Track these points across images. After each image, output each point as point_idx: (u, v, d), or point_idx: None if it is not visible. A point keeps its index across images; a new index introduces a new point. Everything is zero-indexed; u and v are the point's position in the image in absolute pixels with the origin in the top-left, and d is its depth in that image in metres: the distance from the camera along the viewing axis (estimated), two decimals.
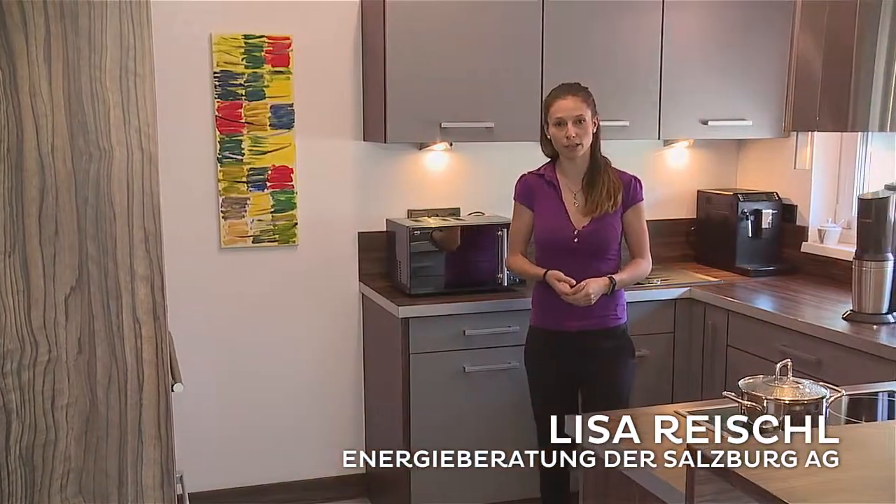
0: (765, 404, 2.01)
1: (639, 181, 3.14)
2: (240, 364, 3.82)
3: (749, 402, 2.04)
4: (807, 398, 2.01)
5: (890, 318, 3.17)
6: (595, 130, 3.06)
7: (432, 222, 3.73)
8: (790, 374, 2.08)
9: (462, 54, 3.61)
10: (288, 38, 3.70)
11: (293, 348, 3.90)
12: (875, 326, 3.12)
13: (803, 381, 2.08)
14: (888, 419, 2.30)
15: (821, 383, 2.11)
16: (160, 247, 2.25)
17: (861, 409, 2.32)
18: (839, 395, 2.12)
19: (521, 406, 3.41)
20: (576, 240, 3.05)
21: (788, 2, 2.40)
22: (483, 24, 3.62)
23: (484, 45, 3.63)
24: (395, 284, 3.76)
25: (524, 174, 3.20)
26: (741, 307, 3.54)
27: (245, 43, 3.65)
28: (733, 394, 2.09)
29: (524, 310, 3.33)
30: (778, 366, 2.09)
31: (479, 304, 3.51)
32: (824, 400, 2.02)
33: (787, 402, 2.00)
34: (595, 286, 2.99)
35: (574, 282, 3.00)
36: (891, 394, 2.38)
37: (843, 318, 3.22)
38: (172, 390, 2.32)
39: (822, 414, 2.01)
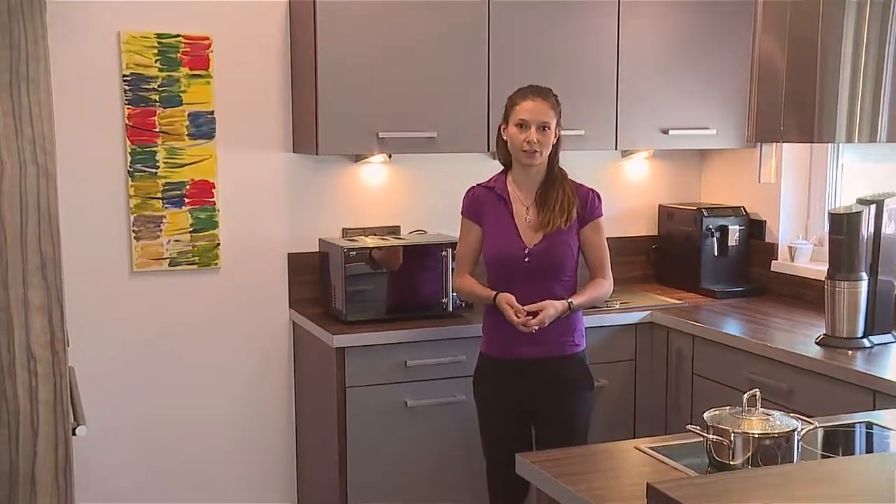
0: (732, 438, 2.01)
1: (597, 195, 3.16)
2: (153, 403, 3.76)
3: (715, 437, 2.04)
4: (777, 431, 2.01)
5: (865, 342, 3.20)
6: (556, 142, 3.08)
7: (369, 242, 3.72)
8: (759, 404, 2.09)
9: (401, 58, 3.61)
10: (207, 38, 3.68)
11: (215, 384, 3.85)
12: (850, 352, 3.14)
13: (773, 412, 2.08)
14: (866, 452, 2.31)
15: (792, 414, 2.11)
16: (60, 273, 2.18)
17: (837, 442, 2.33)
18: (812, 427, 2.13)
19: (469, 444, 3.41)
20: (527, 259, 3.05)
21: (751, 1, 2.42)
22: (425, 25, 3.62)
23: (425, 48, 3.63)
24: (329, 311, 3.73)
25: (472, 187, 3.20)
26: (707, 332, 3.55)
27: (158, 42, 3.62)
28: (698, 427, 2.09)
29: (472, 337, 3.33)
30: (746, 396, 2.09)
31: (423, 332, 3.51)
32: (796, 433, 2.03)
33: (755, 435, 2.00)
34: (553, 310, 2.99)
35: (525, 312, 2.99)
36: (868, 425, 2.39)
37: (815, 343, 3.24)
38: (74, 434, 2.25)
39: (794, 448, 2.01)
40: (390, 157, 3.94)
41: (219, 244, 3.78)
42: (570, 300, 3.05)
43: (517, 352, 3.07)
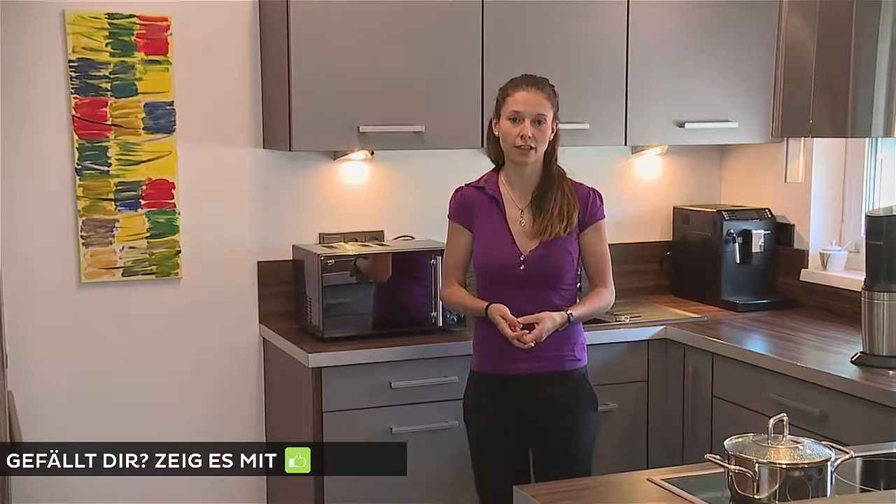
0: (756, 469, 2.00)
1: (598, 195, 3.16)
2: (105, 431, 3.69)
3: (737, 467, 2.03)
4: (807, 461, 2.00)
5: None
6: (553, 137, 3.08)
7: (350, 249, 3.71)
8: (787, 430, 2.08)
9: (385, 44, 3.61)
10: (165, 20, 3.67)
11: (175, 410, 3.83)
12: (891, 372, 3.12)
13: (803, 440, 2.08)
14: None
15: (825, 442, 2.11)
16: None
17: (877, 474, 2.31)
18: (848, 456, 2.12)
19: (462, 475, 3.37)
20: (522, 267, 3.05)
21: None
22: (411, 7, 3.63)
23: (412, 32, 3.64)
24: (304, 326, 3.73)
25: (461, 187, 3.20)
26: (728, 349, 3.55)
27: (109, 24, 3.61)
28: (718, 457, 2.08)
29: (465, 356, 3.31)
30: (772, 421, 2.08)
31: (409, 350, 3.50)
32: (829, 463, 2.02)
33: (783, 466, 2.00)
34: (551, 323, 2.99)
35: (521, 324, 2.99)
36: None
37: (851, 362, 3.23)
38: (11, 464, 2.20)
39: (827, 481, 2.00)
40: (373, 153, 3.93)
41: (179, 251, 3.77)
42: (569, 311, 3.05)
43: (512, 367, 3.07)
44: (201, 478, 3.47)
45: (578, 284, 3.18)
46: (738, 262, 4.14)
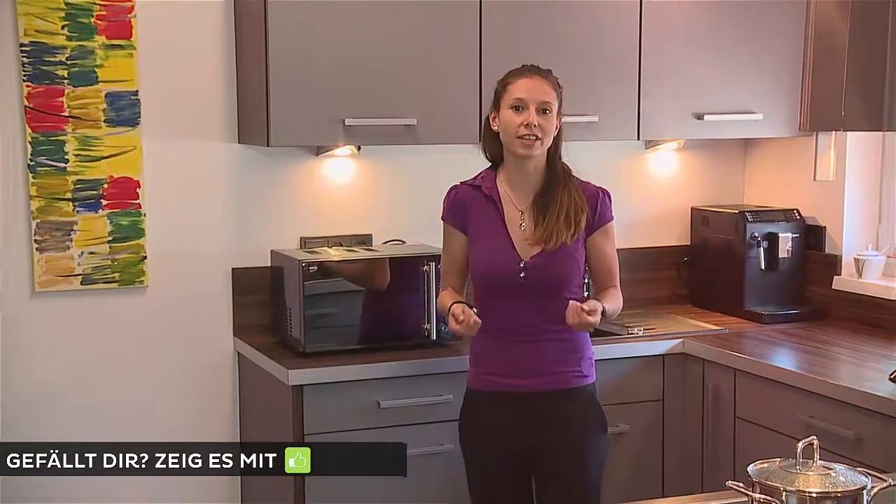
0: (784, 498, 1.99)
1: (607, 194, 3.15)
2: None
3: (762, 496, 2.01)
4: (840, 489, 1.99)
5: None
6: (557, 133, 3.08)
7: (334, 254, 3.71)
8: (817, 455, 2.07)
9: (374, 27, 3.61)
10: (129, 0, 3.67)
11: (141, 433, 3.73)
12: None
13: (836, 465, 2.06)
14: None
15: (860, 469, 2.09)
16: None
17: None
18: (886, 484, 2.09)
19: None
20: (522, 275, 3.04)
21: None
22: None
23: (404, 15, 3.65)
24: (283, 340, 3.73)
25: (455, 185, 3.19)
26: (752, 365, 3.55)
27: (66, 3, 3.61)
28: (741, 484, 2.07)
29: (461, 372, 3.30)
30: (801, 445, 2.07)
31: (400, 366, 3.50)
32: (865, 492, 2.00)
33: (813, 495, 1.98)
34: (601, 310, 2.94)
35: (464, 314, 2.94)
36: None
37: (890, 380, 3.22)
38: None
39: None
40: (359, 149, 3.93)
41: (145, 257, 3.77)
42: (603, 304, 3.00)
43: (512, 383, 3.06)
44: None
45: (586, 293, 3.17)
46: (763, 268, 4.14)
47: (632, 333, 3.83)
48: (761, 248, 4.12)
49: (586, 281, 3.17)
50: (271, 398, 3.58)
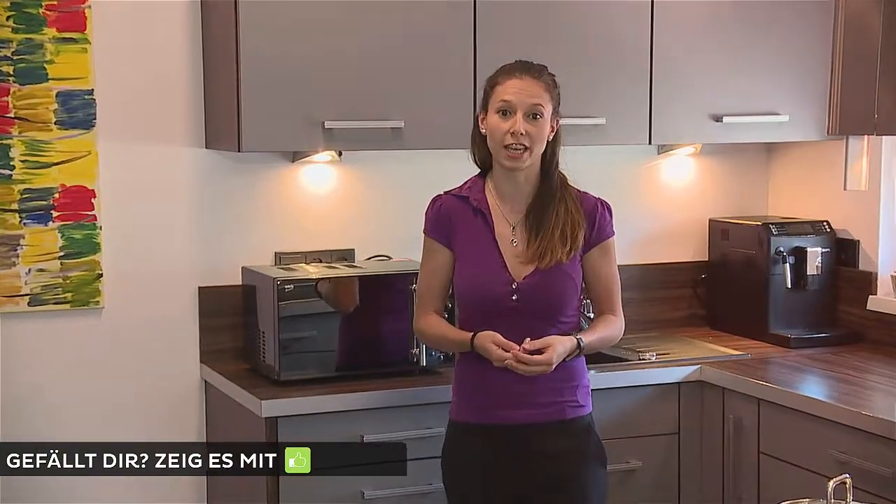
0: None
1: (607, 207, 3.14)
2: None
3: None
4: None
5: None
6: (552, 137, 3.07)
7: (312, 272, 3.71)
8: (851, 495, 2.07)
9: (357, 21, 3.62)
10: None
11: (96, 468, 3.70)
12: None
13: None
14: None
15: None
16: None
17: None
18: None
19: None
20: (515, 297, 3.04)
21: None
22: None
23: (390, 8, 3.65)
24: (256, 367, 3.73)
25: (439, 196, 3.18)
26: (778, 394, 3.54)
27: None
28: None
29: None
30: (832, 484, 2.07)
31: (385, 396, 3.50)
32: None
33: None
34: (562, 348, 2.99)
35: (517, 347, 2.97)
36: None
37: None
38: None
39: None
40: (340, 154, 3.94)
41: (101, 275, 3.76)
42: (578, 336, 3.03)
43: (501, 416, 3.05)
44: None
45: (589, 315, 3.16)
46: (789, 286, 4.13)
47: (643, 359, 3.82)
48: (787, 265, 4.12)
49: (583, 302, 3.16)
50: (242, 432, 3.57)
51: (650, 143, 4.03)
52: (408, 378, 3.59)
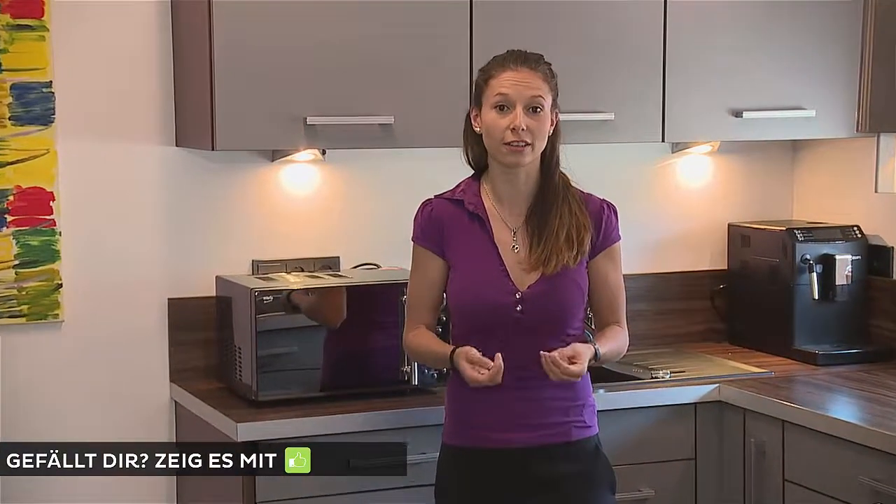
0: None
1: (613, 209, 3.15)
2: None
3: None
4: None
5: None
6: (552, 132, 3.08)
7: (293, 282, 3.71)
8: None
9: (342, 7, 3.61)
10: None
11: (55, 493, 3.77)
12: None
13: None
14: None
15: None
16: None
17: None
18: None
19: None
20: (519, 307, 3.03)
21: None
22: None
23: None
24: (231, 386, 3.74)
25: (429, 200, 3.19)
26: (804, 416, 3.52)
27: None
28: None
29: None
30: None
31: (373, 418, 3.50)
32: None
33: None
34: (589, 356, 2.99)
35: (491, 363, 2.95)
36: None
37: None
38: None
39: None
40: (324, 153, 3.94)
41: (60, 285, 3.76)
42: (596, 345, 3.04)
43: (499, 438, 3.05)
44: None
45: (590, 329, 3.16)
46: (816, 298, 4.12)
47: (657, 377, 3.81)
48: (814, 274, 4.11)
49: (589, 314, 3.17)
50: None
51: (663, 140, 4.02)
52: (398, 398, 3.58)
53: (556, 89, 3.07)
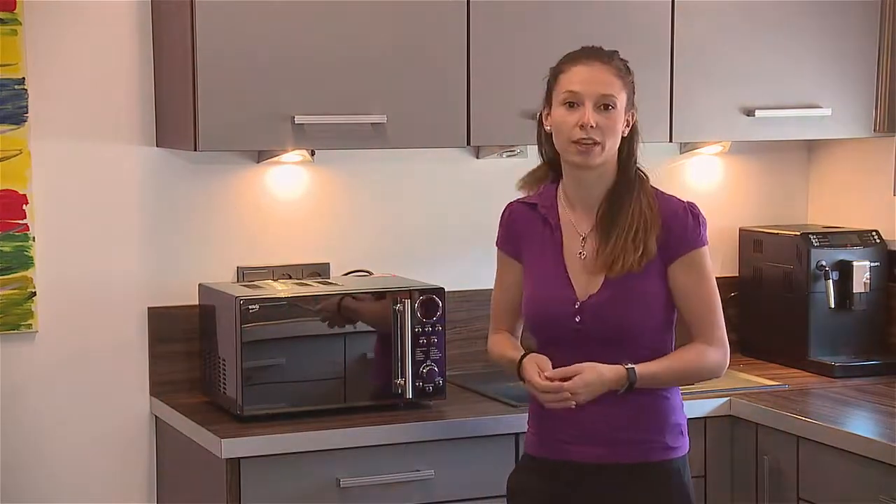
0: None
1: (691, 212, 3.11)
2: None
3: None
4: None
5: None
6: (629, 132, 3.07)
7: (280, 289, 3.71)
8: None
9: (332, 4, 3.61)
10: None
11: None
12: None
13: None
14: None
15: None
16: None
17: None
18: None
19: None
20: (578, 318, 3.03)
21: None
22: None
23: None
24: (215, 400, 3.75)
25: (511, 203, 3.21)
26: (819, 431, 3.52)
27: None
28: None
29: (448, 440, 3.41)
30: None
31: (365, 433, 3.50)
32: None
33: None
34: (594, 377, 2.96)
35: (557, 375, 2.97)
36: None
37: None
38: None
39: None
40: (313, 154, 3.94)
41: (34, 294, 3.76)
42: (629, 366, 2.99)
43: (565, 451, 3.07)
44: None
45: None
46: (832, 306, 4.12)
47: None
48: (830, 281, 4.10)
49: (675, 328, 3.13)
50: (199, 475, 3.58)
51: (671, 140, 4.04)
52: (392, 413, 3.59)
53: (633, 86, 3.07)
